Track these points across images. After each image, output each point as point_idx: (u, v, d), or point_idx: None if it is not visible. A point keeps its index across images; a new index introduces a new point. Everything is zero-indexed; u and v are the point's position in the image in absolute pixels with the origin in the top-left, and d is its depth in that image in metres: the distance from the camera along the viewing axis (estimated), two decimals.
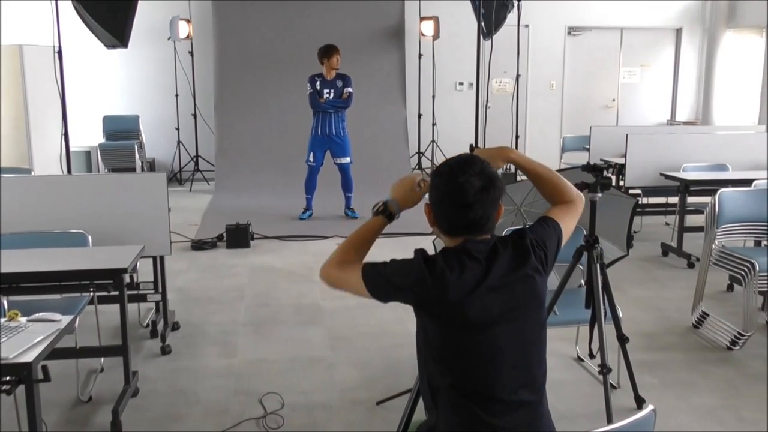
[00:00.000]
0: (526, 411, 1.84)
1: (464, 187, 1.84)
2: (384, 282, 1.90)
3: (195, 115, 9.90)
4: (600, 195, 3.07)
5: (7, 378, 2.32)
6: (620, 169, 6.84)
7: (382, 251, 2.01)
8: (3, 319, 2.55)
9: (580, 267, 3.41)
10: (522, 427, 1.82)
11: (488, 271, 1.85)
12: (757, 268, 4.00)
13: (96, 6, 5.89)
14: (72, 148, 5.92)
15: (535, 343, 1.89)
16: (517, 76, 8.72)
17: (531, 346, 1.88)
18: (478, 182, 1.85)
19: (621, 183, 6.79)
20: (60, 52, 5.33)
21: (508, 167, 2.20)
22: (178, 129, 9.86)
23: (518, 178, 2.21)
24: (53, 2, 5.14)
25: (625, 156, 6.60)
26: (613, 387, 3.50)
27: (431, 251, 2.00)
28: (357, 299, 5.52)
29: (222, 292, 5.20)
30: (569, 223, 2.11)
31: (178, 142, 9.92)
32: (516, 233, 1.98)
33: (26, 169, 6.59)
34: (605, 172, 3.07)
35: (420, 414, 2.01)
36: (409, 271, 1.86)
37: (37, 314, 2.58)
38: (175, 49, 9.63)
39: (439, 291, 1.81)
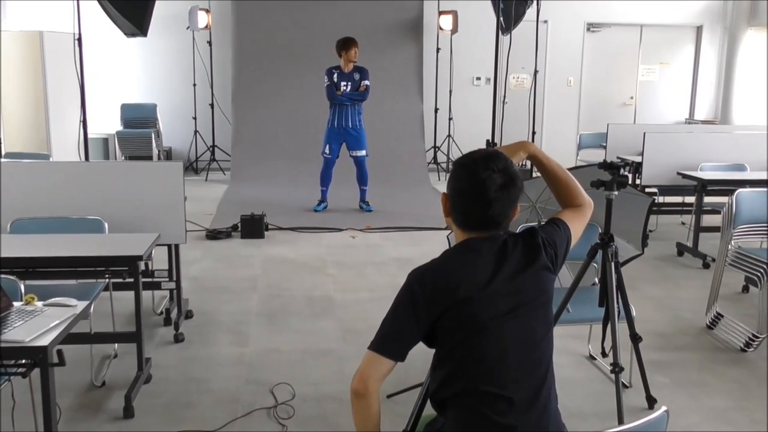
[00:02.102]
0: (534, 410, 1.82)
1: (486, 183, 1.83)
2: (396, 333, 1.86)
3: (212, 105, 9.93)
4: (616, 193, 3.05)
5: (23, 361, 2.36)
6: (637, 168, 6.79)
7: (397, 245, 2.01)
8: (20, 303, 2.58)
9: (594, 265, 3.40)
10: (531, 426, 1.80)
11: (498, 267, 1.84)
12: None
13: None
14: (90, 135, 5.96)
15: (543, 342, 1.88)
16: (535, 71, 8.69)
17: (538, 345, 1.86)
18: (500, 179, 1.84)
19: (637, 181, 6.74)
20: (80, 40, 5.36)
21: (524, 163, 2.18)
22: (195, 118, 9.90)
23: (533, 175, 2.21)
24: None
25: (642, 154, 6.55)
26: (624, 386, 3.49)
27: (445, 245, 2.00)
28: (369, 292, 5.52)
29: (235, 282, 5.22)
30: (578, 227, 2.10)
31: (195, 132, 9.96)
32: (527, 232, 1.97)
33: (44, 154, 6.64)
34: (622, 170, 3.05)
35: (430, 408, 2.01)
36: (407, 297, 1.84)
37: (53, 299, 2.61)
38: (193, 38, 9.66)
39: (447, 291, 1.80)
